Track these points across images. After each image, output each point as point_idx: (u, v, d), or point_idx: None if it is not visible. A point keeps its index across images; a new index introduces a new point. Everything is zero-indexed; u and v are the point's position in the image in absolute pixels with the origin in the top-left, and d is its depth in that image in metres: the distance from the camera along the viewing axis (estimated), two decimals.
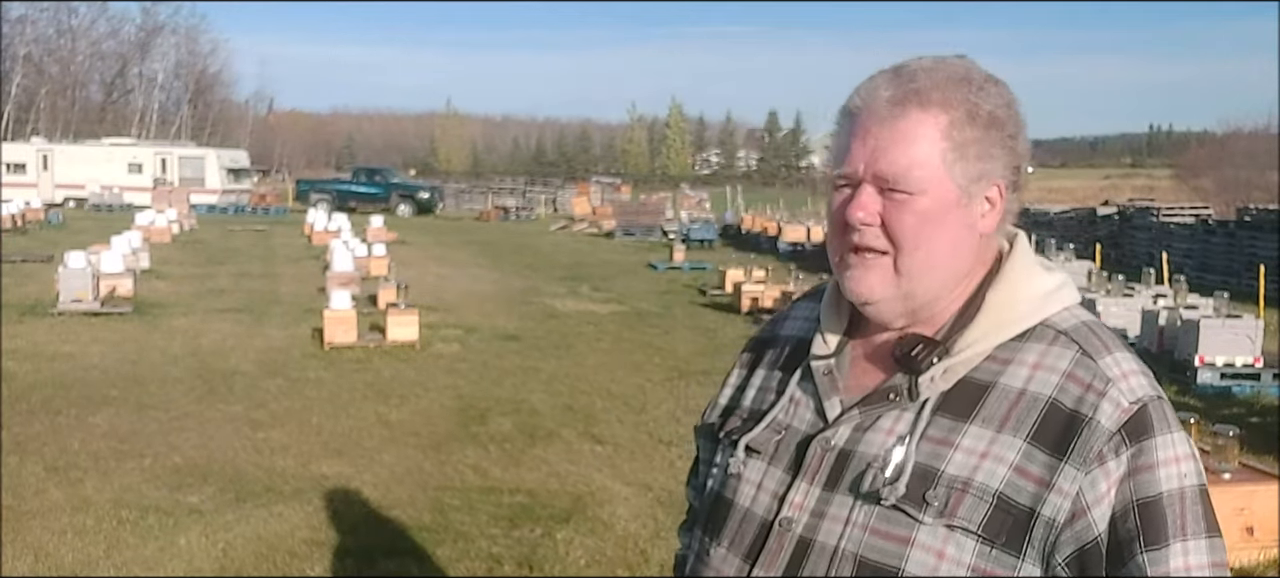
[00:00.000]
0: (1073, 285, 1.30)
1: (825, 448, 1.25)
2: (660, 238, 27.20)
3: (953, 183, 1.22)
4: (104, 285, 13.35)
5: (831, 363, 1.31)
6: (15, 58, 60.87)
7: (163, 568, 5.11)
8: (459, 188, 52.75)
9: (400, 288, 12.21)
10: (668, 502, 6.14)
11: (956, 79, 1.23)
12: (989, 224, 1.26)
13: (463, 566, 5.21)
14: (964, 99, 1.22)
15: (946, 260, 1.24)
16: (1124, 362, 1.21)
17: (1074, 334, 1.23)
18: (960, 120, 1.22)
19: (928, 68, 1.24)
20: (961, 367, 1.22)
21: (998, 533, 1.16)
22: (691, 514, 1.51)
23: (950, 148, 1.21)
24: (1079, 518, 1.15)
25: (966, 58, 1.27)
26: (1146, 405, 1.18)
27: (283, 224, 31.12)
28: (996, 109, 1.23)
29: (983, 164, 1.23)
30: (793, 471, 1.27)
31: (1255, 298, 13.69)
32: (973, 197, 1.23)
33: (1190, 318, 10.30)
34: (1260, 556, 5.30)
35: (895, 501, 1.18)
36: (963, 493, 1.17)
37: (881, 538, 1.18)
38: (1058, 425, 1.17)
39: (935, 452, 1.19)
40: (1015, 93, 1.27)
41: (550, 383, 9.46)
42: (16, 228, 25.49)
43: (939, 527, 1.16)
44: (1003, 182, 1.25)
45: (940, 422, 1.21)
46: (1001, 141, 1.24)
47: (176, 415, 7.97)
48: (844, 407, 1.27)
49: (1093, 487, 1.15)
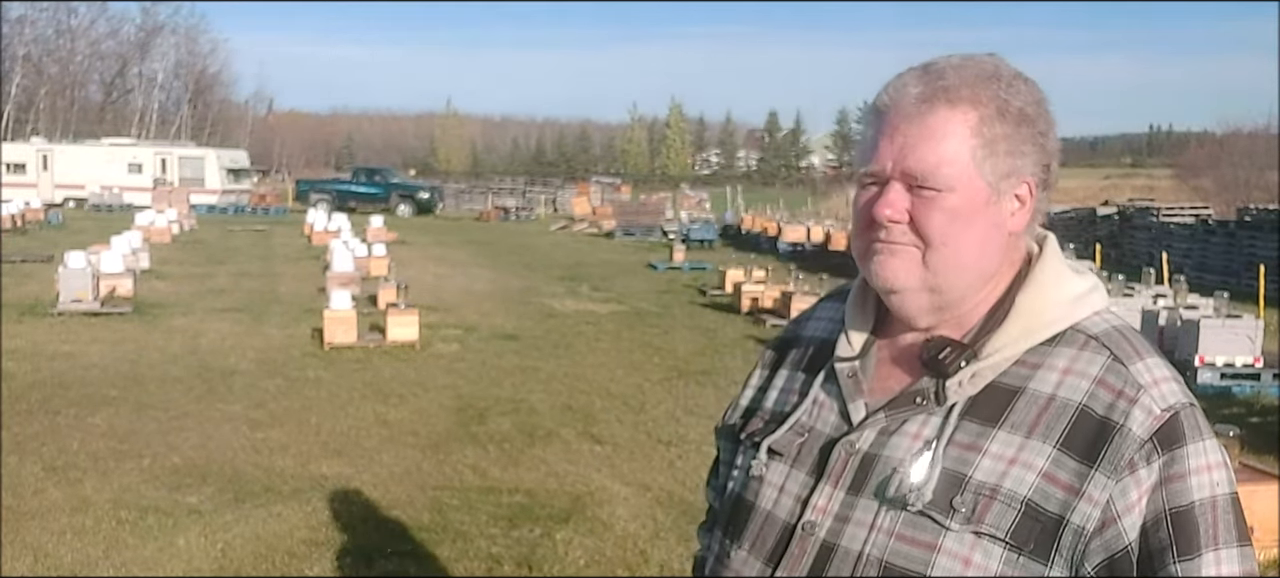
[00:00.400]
0: (1103, 289, 1.28)
1: (850, 451, 1.24)
2: (660, 238, 27.19)
3: (982, 180, 1.21)
4: (104, 285, 13.35)
5: (856, 365, 1.29)
6: (15, 58, 60.86)
7: (162, 568, 5.10)
8: (459, 188, 52.73)
9: (400, 288, 12.20)
10: (667, 502, 6.14)
11: (986, 76, 1.22)
12: (1018, 222, 1.24)
13: (462, 566, 5.20)
14: (993, 95, 1.21)
15: (975, 259, 1.23)
16: (1156, 368, 1.19)
17: (1105, 339, 1.21)
18: (990, 116, 1.21)
19: (956, 65, 1.23)
20: (990, 371, 1.21)
21: (1026, 540, 1.15)
22: (711, 515, 1.49)
23: (980, 144, 1.20)
24: (1109, 526, 1.14)
25: (996, 55, 1.26)
26: (1179, 413, 1.16)
27: (283, 224, 31.12)
28: (1026, 105, 1.22)
29: (1013, 160, 1.22)
30: (816, 474, 1.25)
31: (1255, 298, 13.69)
32: (1002, 194, 1.22)
33: (1190, 318, 10.30)
34: (1260, 556, 5.30)
35: (922, 506, 1.16)
36: (990, 499, 1.15)
37: (907, 544, 1.17)
38: (1088, 432, 1.16)
39: (962, 457, 1.18)
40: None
41: (550, 383, 9.46)
42: (16, 228, 25.49)
43: (966, 533, 1.15)
44: (1033, 179, 1.23)
45: (968, 427, 1.19)
46: (1032, 138, 1.22)
47: (176, 415, 7.97)
48: (869, 410, 1.26)
49: (1123, 495, 1.13)
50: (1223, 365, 9.77)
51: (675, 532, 5.65)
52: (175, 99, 73.97)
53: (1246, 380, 9.74)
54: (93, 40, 69.38)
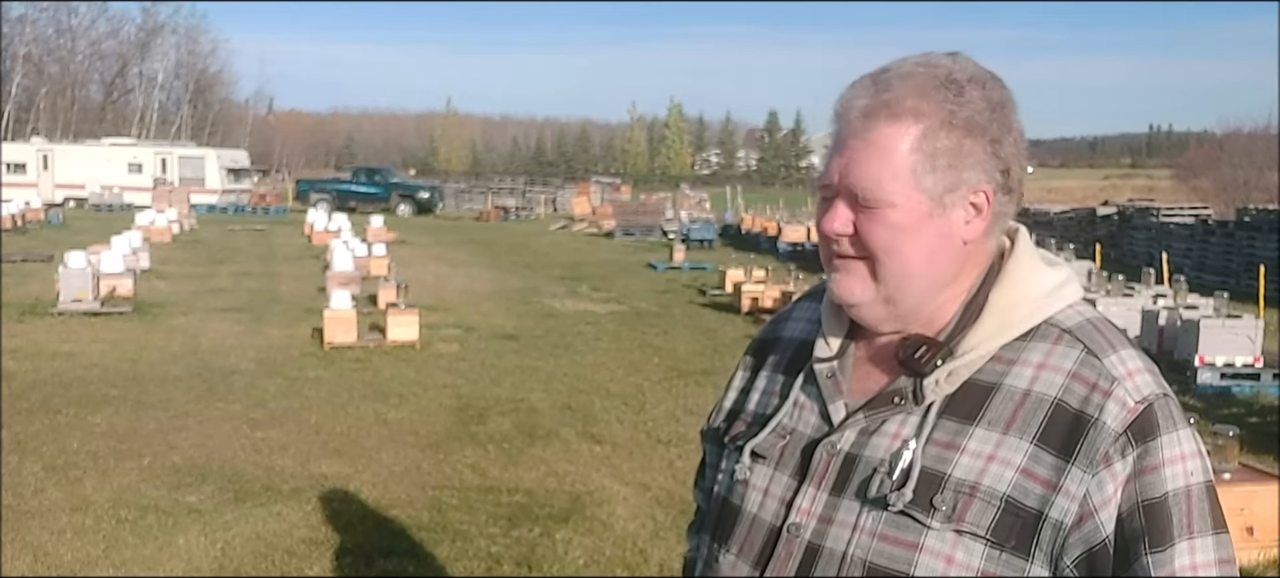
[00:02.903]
0: (1076, 280, 1.29)
1: (831, 453, 1.25)
2: (660, 238, 27.19)
3: (923, 194, 1.20)
4: (104, 285, 13.35)
5: (834, 366, 1.30)
6: (15, 58, 60.85)
7: (162, 568, 5.10)
8: (459, 188, 52.75)
9: (400, 288, 12.20)
10: (667, 502, 6.14)
11: (936, 83, 1.20)
12: (974, 231, 1.23)
13: (461, 565, 5.20)
14: (938, 106, 1.19)
15: (923, 269, 1.23)
16: (1130, 360, 1.20)
17: (1079, 333, 1.21)
18: (933, 129, 1.19)
19: (906, 73, 1.21)
20: (965, 369, 1.21)
21: (1006, 537, 1.15)
22: (699, 516, 1.50)
23: (920, 160, 1.19)
24: (1087, 521, 1.14)
25: (958, 55, 1.24)
26: (1152, 404, 1.17)
27: (283, 224, 31.12)
28: (976, 114, 1.20)
29: (957, 173, 1.20)
30: (799, 476, 1.26)
31: (1255, 298, 13.68)
32: (948, 206, 1.21)
33: (1190, 318, 10.31)
34: (1260, 556, 5.30)
35: (903, 506, 1.17)
36: (971, 497, 1.16)
37: (890, 543, 1.18)
38: (1064, 427, 1.16)
39: (941, 456, 1.19)
40: (1011, 89, 1.24)
41: (549, 383, 9.46)
42: (16, 228, 25.49)
43: (947, 531, 1.16)
44: (989, 187, 1.22)
45: (946, 425, 1.20)
46: (983, 147, 1.20)
47: (176, 415, 7.97)
48: (849, 410, 1.26)
49: (1100, 489, 1.14)
50: (1223, 365, 9.76)
51: (675, 531, 5.65)
52: (175, 99, 73.96)
53: (1246, 380, 9.74)
54: (93, 40, 69.41)
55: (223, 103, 79.61)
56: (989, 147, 1.21)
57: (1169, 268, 15.25)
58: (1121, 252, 23.15)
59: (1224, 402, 9.32)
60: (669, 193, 43.62)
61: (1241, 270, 18.56)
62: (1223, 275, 19.10)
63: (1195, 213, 23.95)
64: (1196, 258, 20.40)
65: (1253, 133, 44.24)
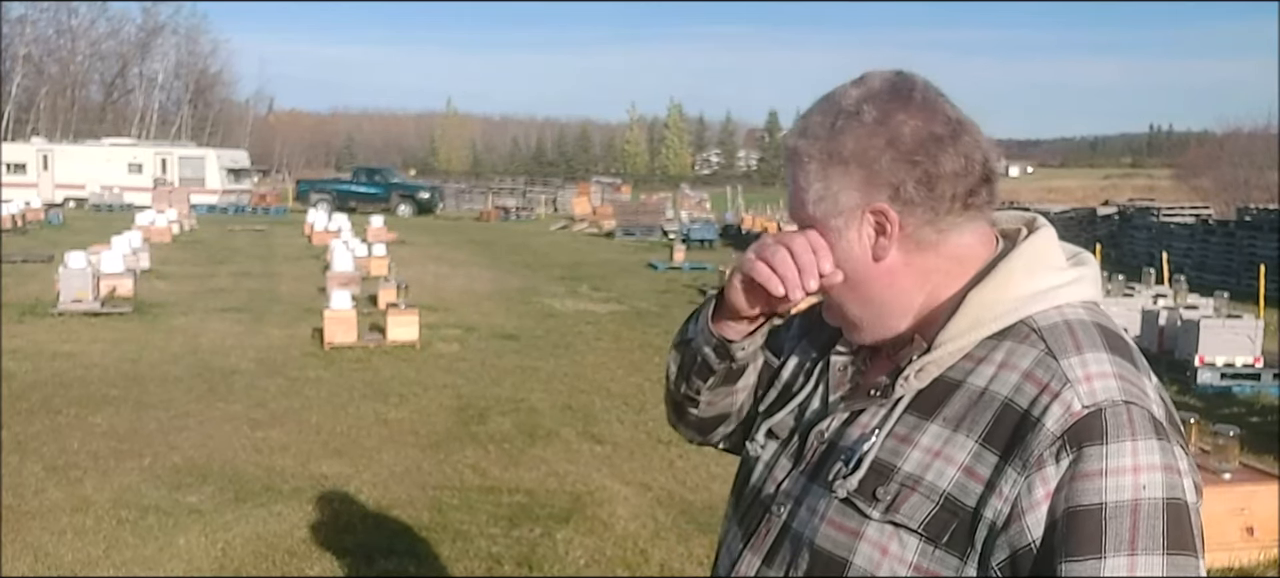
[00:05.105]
0: (1086, 283, 1.24)
1: (819, 439, 1.28)
2: (660, 238, 27.20)
3: (827, 226, 1.24)
4: (104, 285, 13.35)
5: (849, 359, 1.32)
6: (15, 58, 60.89)
7: (162, 568, 5.11)
8: (459, 188, 52.78)
9: (400, 288, 12.20)
10: (667, 502, 6.14)
11: (827, 120, 1.23)
12: (883, 250, 1.22)
13: (462, 565, 5.21)
14: (821, 147, 1.22)
15: (869, 295, 1.25)
16: (1093, 364, 1.14)
17: (1047, 333, 1.18)
18: (817, 169, 1.23)
19: (814, 109, 1.25)
20: (935, 366, 1.21)
21: (940, 532, 1.14)
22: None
23: (813, 197, 1.24)
24: (1014, 522, 1.11)
25: (898, 74, 1.24)
26: (1103, 411, 1.10)
27: (283, 224, 31.11)
28: (854, 143, 1.20)
29: (837, 201, 1.22)
30: (794, 458, 1.30)
31: (1255, 298, 13.68)
32: (842, 234, 1.23)
33: (1190, 318, 10.31)
34: (1260, 556, 5.30)
35: (847, 494, 1.19)
36: (912, 490, 1.16)
37: (836, 530, 1.20)
38: (1008, 426, 1.14)
39: (897, 449, 1.19)
40: (919, 92, 1.21)
41: (549, 383, 9.46)
42: (16, 228, 25.49)
43: (885, 523, 1.16)
44: (887, 206, 1.20)
45: (907, 419, 1.20)
46: (854, 173, 1.21)
47: (176, 415, 7.97)
48: (841, 399, 1.29)
49: (1030, 492, 1.10)
50: (1223, 365, 9.77)
51: (675, 531, 5.66)
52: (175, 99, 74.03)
53: (1246, 380, 9.74)
54: (93, 40, 69.46)
55: (223, 103, 79.69)
56: (863, 170, 1.20)
57: (1169, 268, 15.25)
58: (1122, 251, 23.15)
59: (1224, 402, 9.31)
60: (669, 193, 43.67)
61: (1242, 270, 18.57)
62: (1223, 275, 19.11)
63: (1195, 213, 23.96)
64: (1197, 258, 20.41)
65: (1253, 133, 44.32)
